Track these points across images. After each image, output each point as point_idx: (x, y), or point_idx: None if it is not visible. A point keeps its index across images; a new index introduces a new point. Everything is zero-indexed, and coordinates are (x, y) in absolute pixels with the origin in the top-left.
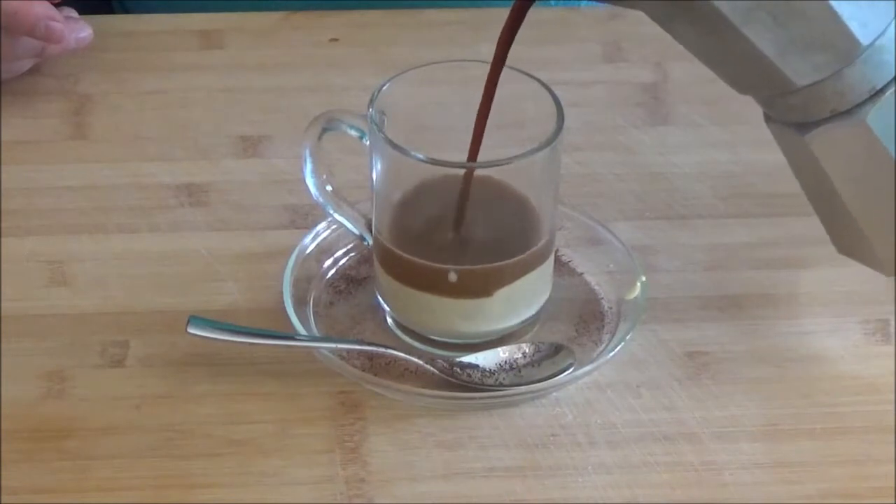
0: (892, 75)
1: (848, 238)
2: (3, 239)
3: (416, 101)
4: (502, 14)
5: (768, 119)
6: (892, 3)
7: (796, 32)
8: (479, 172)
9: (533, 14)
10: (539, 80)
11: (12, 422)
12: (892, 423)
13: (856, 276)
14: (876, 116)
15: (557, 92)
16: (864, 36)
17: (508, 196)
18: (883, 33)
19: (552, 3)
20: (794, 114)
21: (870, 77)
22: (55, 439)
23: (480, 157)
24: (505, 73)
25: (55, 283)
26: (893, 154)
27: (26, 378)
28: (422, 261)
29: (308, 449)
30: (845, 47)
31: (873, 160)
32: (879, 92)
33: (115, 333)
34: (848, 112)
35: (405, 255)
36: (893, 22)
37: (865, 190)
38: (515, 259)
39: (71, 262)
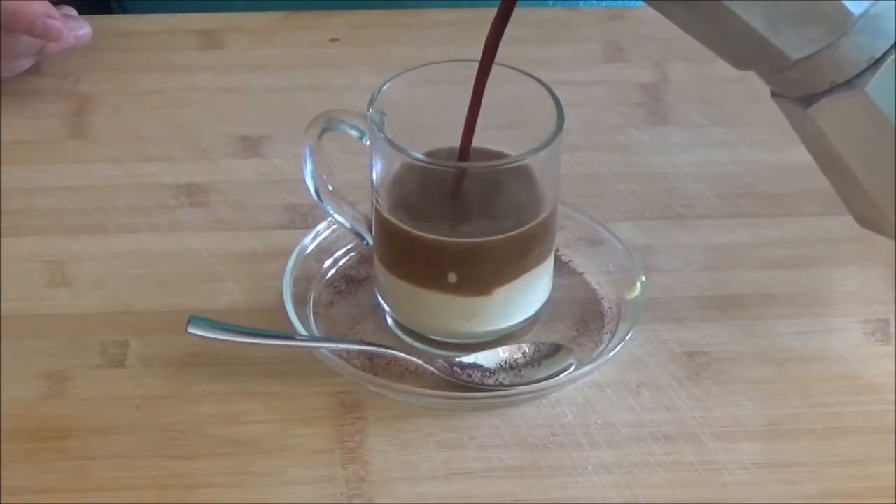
0: (891, 43)
1: (864, 209)
2: (3, 239)
3: (416, 101)
4: None
5: (774, 95)
6: None
7: (785, 5)
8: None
9: (533, 14)
10: (539, 80)
11: (12, 422)
12: (892, 423)
13: (856, 276)
14: (875, 86)
15: (557, 92)
16: (855, 6)
17: (510, 176)
18: (875, 2)
19: (550, 2)
20: (796, 88)
21: (867, 47)
22: (55, 439)
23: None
24: (505, 73)
25: (55, 283)
26: (895, 123)
27: (26, 378)
28: (423, 234)
29: (308, 449)
30: (837, 18)
31: (876, 130)
32: (878, 61)
33: (115, 333)
34: (847, 83)
35: (404, 227)
36: None
37: (872, 159)
38: (517, 232)
39: (71, 262)
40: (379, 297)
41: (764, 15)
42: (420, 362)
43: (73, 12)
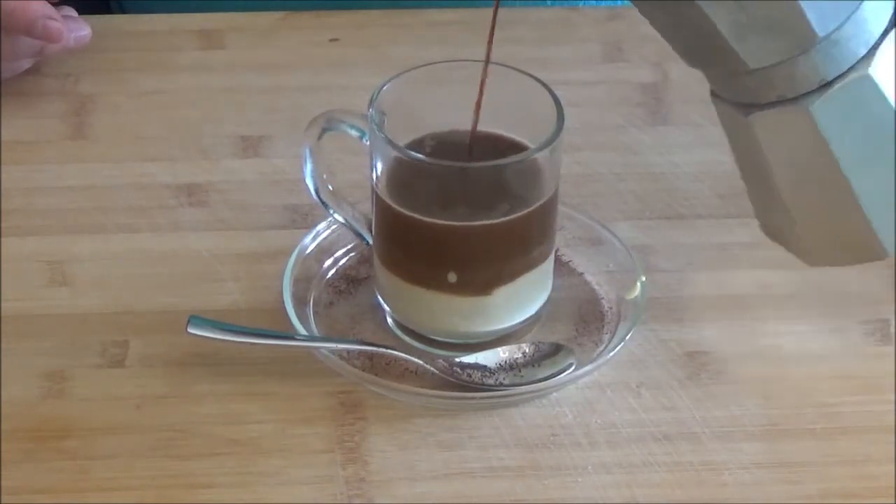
0: (843, 70)
1: (776, 222)
2: (3, 239)
3: (416, 101)
4: (502, 14)
5: (714, 95)
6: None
7: (755, 14)
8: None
9: (533, 14)
10: (539, 80)
11: (12, 422)
12: (892, 423)
13: (856, 276)
14: (821, 108)
15: (557, 92)
16: (820, 27)
17: (510, 175)
18: (840, 27)
19: (550, 2)
20: (742, 94)
21: (821, 68)
22: (55, 439)
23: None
24: (506, 73)
25: (55, 283)
26: (832, 147)
27: (26, 378)
28: (423, 218)
29: (308, 449)
30: (801, 35)
31: (812, 151)
32: (828, 84)
33: (115, 333)
34: (794, 100)
35: (405, 213)
36: (852, 18)
37: (801, 178)
38: (516, 216)
39: (71, 262)
40: (379, 297)
41: (732, 21)
42: (420, 362)
43: (73, 13)
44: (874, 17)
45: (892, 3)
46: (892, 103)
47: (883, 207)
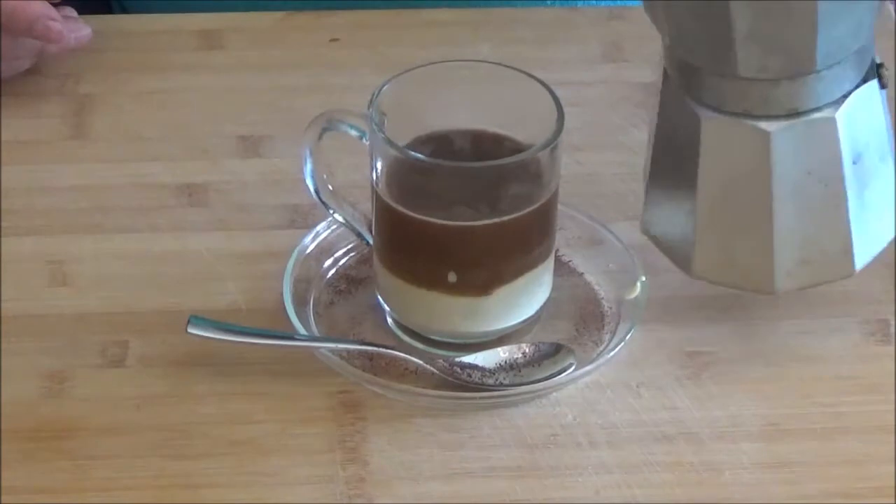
0: (814, 106)
1: (667, 222)
2: (3, 239)
3: (416, 101)
4: (502, 14)
5: (667, 78)
6: (862, 38)
7: (773, 28)
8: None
9: (533, 14)
10: (539, 80)
11: (12, 422)
12: (892, 423)
13: (856, 276)
14: (781, 134)
15: (557, 92)
16: (822, 62)
17: (511, 175)
18: (830, 67)
19: (549, 2)
20: (708, 94)
21: (798, 98)
22: (55, 439)
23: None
24: (505, 73)
25: (55, 283)
26: (774, 173)
27: (26, 378)
28: (423, 217)
29: (308, 449)
30: (801, 64)
31: (753, 170)
32: (796, 115)
33: (115, 333)
34: (756, 118)
35: (405, 212)
36: (843, 62)
37: (726, 191)
38: (516, 215)
39: (71, 262)
40: (379, 297)
41: (750, 24)
42: (420, 362)
43: (74, 13)
44: (856, 66)
45: (872, 56)
46: (842, 152)
47: (791, 246)
